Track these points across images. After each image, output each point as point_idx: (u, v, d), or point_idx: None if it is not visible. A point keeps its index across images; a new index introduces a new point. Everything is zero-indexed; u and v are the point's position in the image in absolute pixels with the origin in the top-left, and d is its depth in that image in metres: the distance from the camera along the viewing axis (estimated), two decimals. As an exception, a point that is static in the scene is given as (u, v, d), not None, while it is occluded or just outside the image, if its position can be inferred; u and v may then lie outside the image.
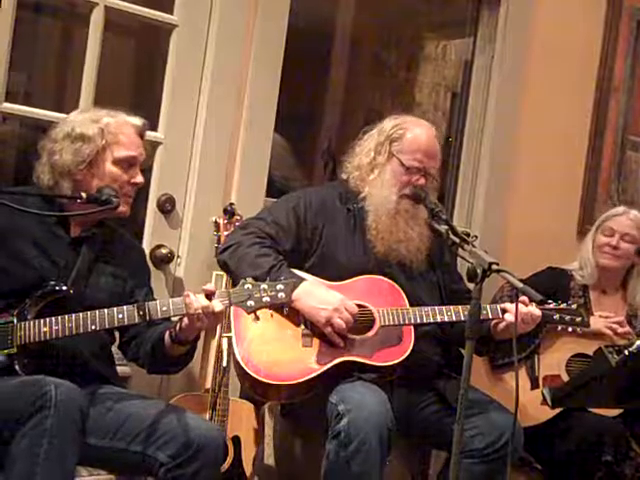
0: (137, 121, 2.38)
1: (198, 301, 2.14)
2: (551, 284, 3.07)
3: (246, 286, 2.16)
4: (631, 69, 3.82)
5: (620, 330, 2.99)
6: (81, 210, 2.22)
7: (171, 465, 2.09)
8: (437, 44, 4.27)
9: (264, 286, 2.16)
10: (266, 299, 2.15)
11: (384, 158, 2.64)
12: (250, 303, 2.15)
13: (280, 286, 2.17)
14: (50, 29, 3.79)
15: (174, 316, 2.21)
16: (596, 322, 2.99)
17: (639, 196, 3.94)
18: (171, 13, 2.91)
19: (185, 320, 2.18)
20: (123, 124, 2.33)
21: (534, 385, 2.97)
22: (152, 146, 2.90)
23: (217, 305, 2.14)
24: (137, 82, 3.85)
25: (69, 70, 3.68)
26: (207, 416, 2.68)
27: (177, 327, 2.22)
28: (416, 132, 2.64)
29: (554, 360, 3.00)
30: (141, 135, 2.38)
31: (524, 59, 3.54)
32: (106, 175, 2.28)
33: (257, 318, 2.18)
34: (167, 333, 2.25)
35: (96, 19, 2.77)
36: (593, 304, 3.16)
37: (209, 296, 2.15)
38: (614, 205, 3.68)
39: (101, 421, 2.09)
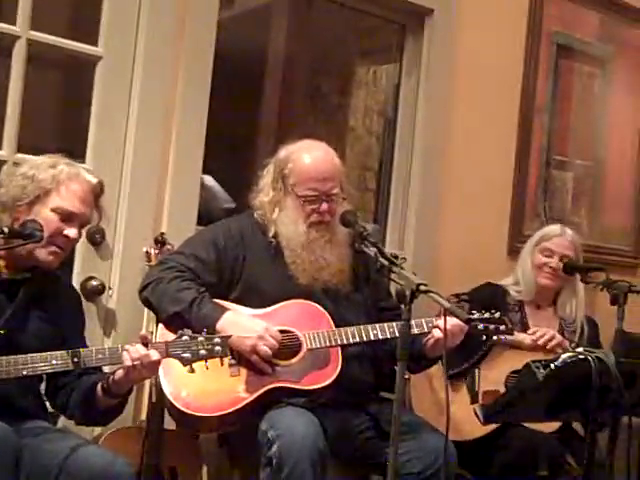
0: (92, 179, 2.32)
1: (137, 351, 2.14)
2: (490, 299, 3.10)
3: (184, 337, 2.18)
4: (553, 91, 3.93)
5: (554, 343, 3.04)
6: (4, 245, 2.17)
7: None
8: (368, 69, 4.33)
9: (201, 339, 2.18)
10: (203, 352, 2.17)
11: (281, 194, 2.65)
12: (187, 355, 2.16)
13: (217, 340, 2.19)
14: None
15: (110, 364, 2.20)
16: (525, 338, 3.05)
17: (566, 213, 4.03)
18: (95, 44, 2.90)
19: (120, 372, 2.17)
20: (75, 177, 2.28)
21: (474, 400, 2.99)
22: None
23: (154, 354, 2.15)
24: (63, 114, 3.81)
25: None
26: (139, 449, 2.65)
27: (110, 379, 2.20)
28: (303, 161, 2.63)
29: (494, 375, 3.03)
30: (94, 194, 2.32)
31: (449, 82, 3.60)
32: (42, 218, 2.22)
33: (192, 370, 2.19)
34: (99, 385, 2.23)
35: (19, 52, 2.75)
36: (529, 319, 3.21)
37: (146, 344, 2.15)
38: (542, 223, 3.77)
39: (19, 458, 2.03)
